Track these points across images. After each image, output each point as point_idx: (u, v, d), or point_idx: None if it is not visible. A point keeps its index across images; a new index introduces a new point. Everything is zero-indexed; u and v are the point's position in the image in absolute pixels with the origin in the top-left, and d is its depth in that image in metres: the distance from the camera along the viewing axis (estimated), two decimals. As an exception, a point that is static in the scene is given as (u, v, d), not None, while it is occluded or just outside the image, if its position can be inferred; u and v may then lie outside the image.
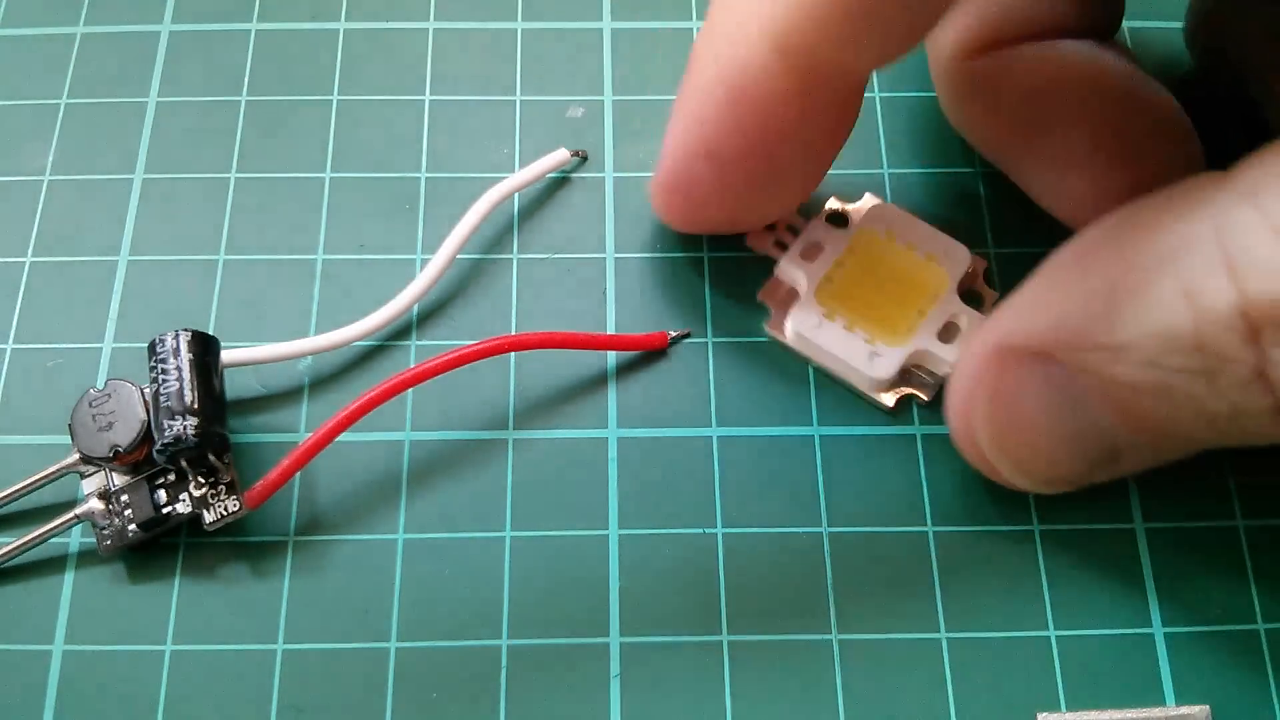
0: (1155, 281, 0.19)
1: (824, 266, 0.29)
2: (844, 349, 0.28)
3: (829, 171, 0.29)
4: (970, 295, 0.29)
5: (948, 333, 0.28)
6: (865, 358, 0.28)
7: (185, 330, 0.26)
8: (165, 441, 0.25)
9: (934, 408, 0.29)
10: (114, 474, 0.26)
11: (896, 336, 0.28)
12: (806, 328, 0.28)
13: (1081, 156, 0.27)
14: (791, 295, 0.29)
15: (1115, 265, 0.21)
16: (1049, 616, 0.26)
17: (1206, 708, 0.25)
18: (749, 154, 0.25)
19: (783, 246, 0.30)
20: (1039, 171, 0.28)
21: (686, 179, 0.27)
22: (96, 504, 0.26)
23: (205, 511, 0.26)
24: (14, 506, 0.27)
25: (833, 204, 0.30)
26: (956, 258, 0.29)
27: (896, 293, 0.29)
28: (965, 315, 0.28)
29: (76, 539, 0.27)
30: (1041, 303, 0.22)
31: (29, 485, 0.26)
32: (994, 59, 0.28)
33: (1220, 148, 0.27)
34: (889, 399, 0.28)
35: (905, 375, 0.28)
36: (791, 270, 0.29)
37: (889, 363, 0.28)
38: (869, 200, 0.30)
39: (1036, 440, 0.23)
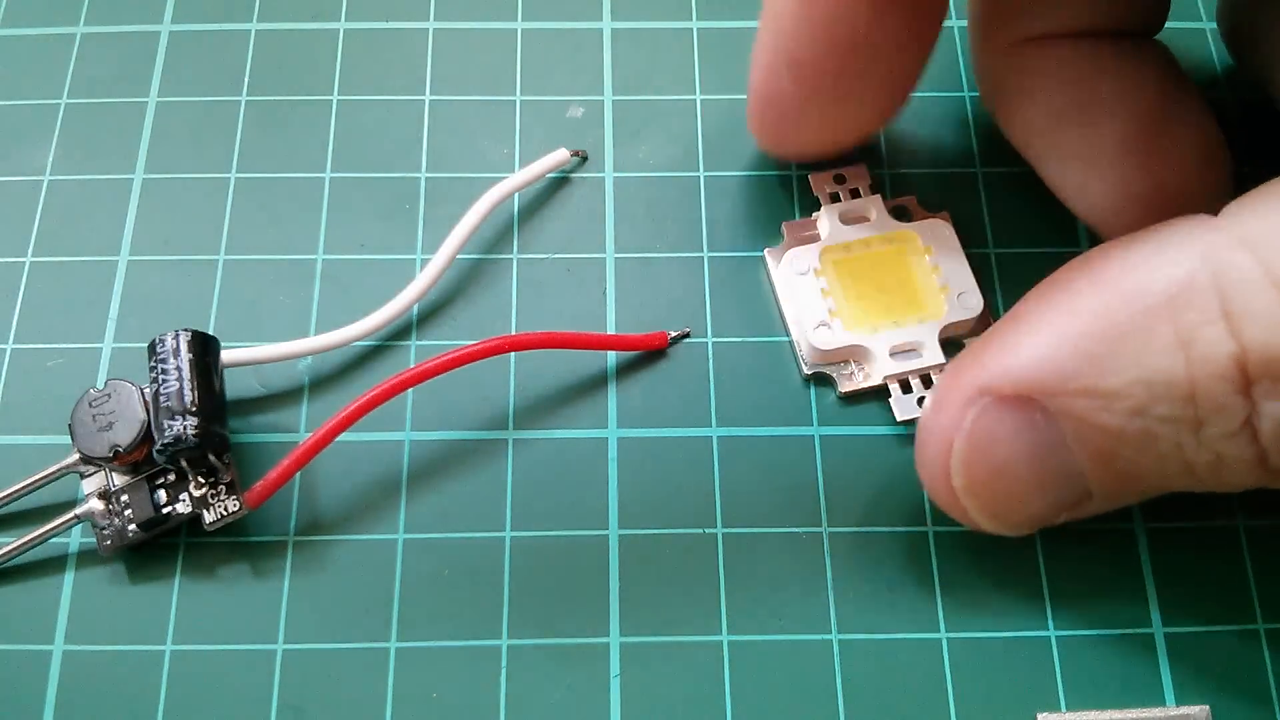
0: (1149, 327, 0.19)
1: (850, 235, 0.30)
2: (806, 303, 0.29)
3: (812, 170, 0.29)
4: (953, 343, 0.29)
5: (902, 353, 0.28)
6: (814, 322, 0.28)
7: (185, 330, 0.26)
8: (165, 441, 0.25)
9: (844, 403, 0.29)
10: (114, 474, 0.26)
11: (856, 326, 0.29)
12: (790, 270, 0.29)
13: (1108, 156, 0.26)
14: (807, 240, 0.30)
15: (1104, 307, 0.20)
16: (1049, 616, 0.26)
17: (1206, 708, 0.25)
18: (827, 61, 0.26)
19: (837, 199, 0.30)
20: (1065, 168, 0.28)
21: (774, 91, 0.27)
22: (96, 504, 0.26)
23: (205, 511, 0.26)
24: (14, 506, 0.27)
25: (909, 202, 0.31)
26: (968, 305, 0.29)
27: (890, 296, 0.29)
28: (931, 351, 0.28)
29: (76, 539, 0.27)
30: (1026, 344, 0.22)
31: (29, 485, 0.27)
32: (1034, 51, 0.27)
33: (1252, 148, 0.27)
34: (809, 369, 0.29)
35: (841, 364, 0.29)
36: (824, 219, 0.30)
37: (831, 338, 0.28)
38: (941, 218, 0.30)
39: (1011, 484, 0.22)
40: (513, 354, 0.29)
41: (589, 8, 0.34)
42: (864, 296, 0.29)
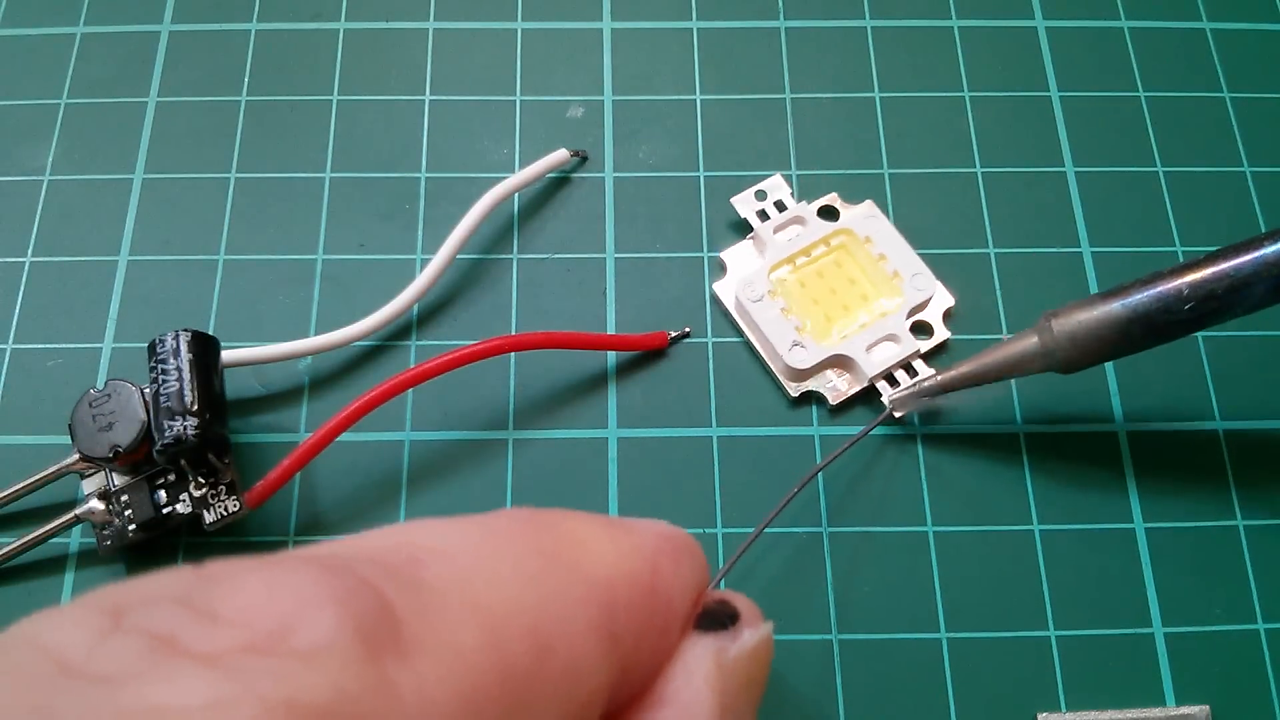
0: None
1: (792, 248, 0.29)
2: (773, 329, 0.28)
3: (812, 170, 0.30)
4: (922, 326, 0.29)
5: (881, 348, 0.28)
6: (787, 344, 0.28)
7: (185, 330, 0.26)
8: (165, 442, 0.25)
9: (838, 413, 0.29)
10: (114, 474, 0.26)
11: (828, 336, 0.29)
12: (747, 298, 0.29)
13: None
14: (748, 265, 0.30)
15: None
16: (1049, 616, 0.26)
17: (1206, 708, 0.25)
18: None
19: (765, 217, 0.30)
20: None
21: None
22: (96, 504, 0.26)
23: (205, 512, 0.26)
24: (14, 507, 0.27)
25: (833, 200, 0.31)
26: (920, 285, 0.29)
27: (848, 297, 0.29)
28: (905, 339, 0.28)
29: (76, 539, 0.27)
30: None
31: (29, 485, 0.26)
32: None
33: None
34: (795, 390, 0.29)
35: (822, 375, 0.29)
36: (762, 240, 0.30)
37: (807, 356, 0.28)
38: (867, 207, 0.30)
39: None
40: (513, 354, 0.29)
41: (589, 8, 0.34)
42: (822, 304, 0.29)
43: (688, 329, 0.30)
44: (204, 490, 0.26)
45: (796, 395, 0.29)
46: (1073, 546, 0.27)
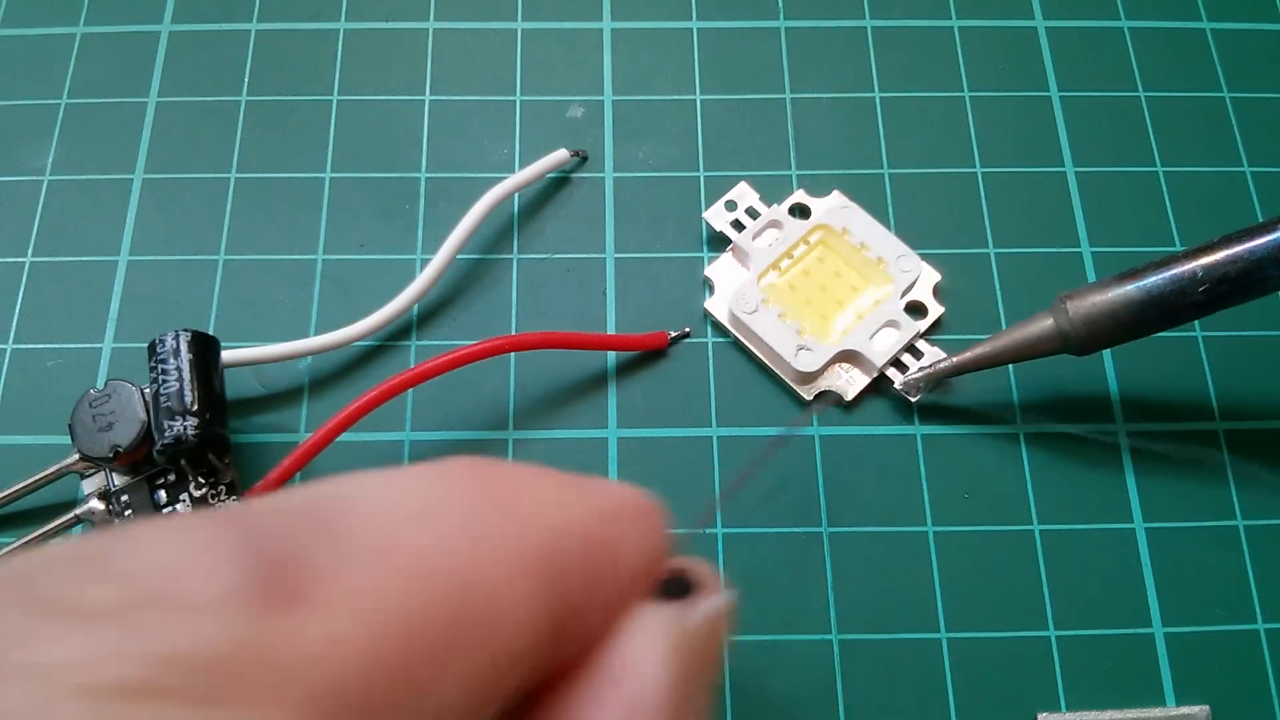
0: None
1: (774, 253, 0.29)
2: (774, 337, 0.28)
3: (812, 170, 0.30)
4: (915, 306, 0.29)
5: (882, 335, 0.28)
6: (793, 349, 0.28)
7: (185, 330, 0.26)
8: (165, 442, 0.25)
9: (852, 408, 0.29)
10: (114, 474, 0.26)
11: (829, 334, 0.29)
12: (742, 310, 0.29)
13: None
14: (737, 276, 0.30)
15: None
16: (1049, 616, 0.26)
17: (1206, 708, 0.25)
18: None
19: (740, 227, 0.30)
20: None
21: None
22: (97, 504, 0.26)
23: (205, 511, 0.26)
24: (14, 507, 0.27)
25: (801, 197, 0.31)
26: (907, 267, 0.29)
27: (839, 291, 0.29)
28: (904, 322, 0.28)
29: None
30: None
31: (29, 485, 0.26)
32: None
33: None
34: (808, 393, 0.29)
35: (830, 373, 0.29)
36: (742, 251, 0.30)
37: (815, 358, 0.28)
38: (836, 198, 0.30)
39: None
40: (513, 354, 0.29)
41: (589, 8, 0.34)
42: (815, 303, 0.29)
43: (688, 329, 0.30)
44: (204, 490, 0.26)
45: (810, 398, 0.29)
46: (1073, 546, 0.27)
